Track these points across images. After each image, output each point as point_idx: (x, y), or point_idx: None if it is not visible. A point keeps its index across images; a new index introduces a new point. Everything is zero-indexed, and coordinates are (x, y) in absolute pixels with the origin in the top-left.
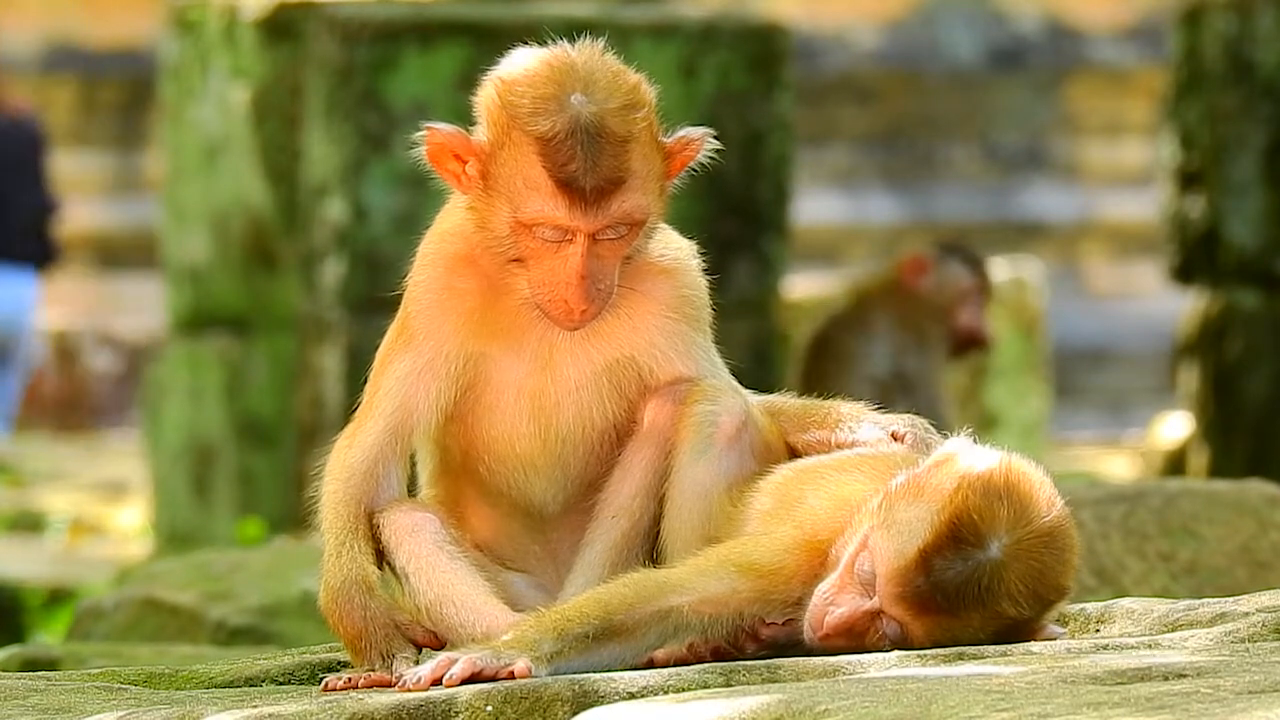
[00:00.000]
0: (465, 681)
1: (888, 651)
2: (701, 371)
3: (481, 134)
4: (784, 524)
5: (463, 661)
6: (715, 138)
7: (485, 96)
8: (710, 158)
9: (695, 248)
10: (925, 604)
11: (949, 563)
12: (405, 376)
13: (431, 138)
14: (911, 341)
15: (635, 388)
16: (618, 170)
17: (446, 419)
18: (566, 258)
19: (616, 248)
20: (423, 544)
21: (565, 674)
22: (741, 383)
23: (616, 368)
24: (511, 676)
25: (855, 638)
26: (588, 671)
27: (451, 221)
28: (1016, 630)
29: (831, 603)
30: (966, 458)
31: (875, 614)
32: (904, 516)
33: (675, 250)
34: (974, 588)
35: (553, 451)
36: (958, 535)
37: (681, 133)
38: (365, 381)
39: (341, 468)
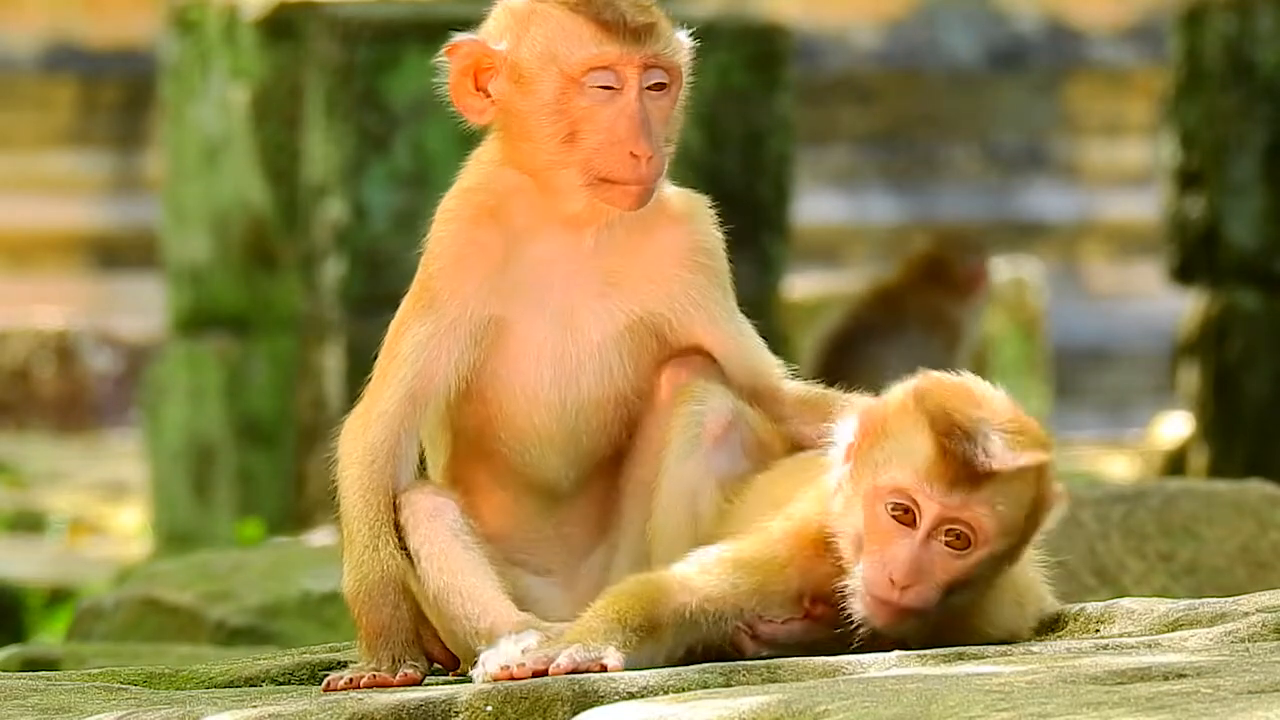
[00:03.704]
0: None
1: (967, 587)
2: (721, 331)
3: (500, 44)
4: (774, 517)
5: (563, 657)
6: (715, 134)
7: (497, 13)
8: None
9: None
10: (972, 474)
11: (964, 433)
12: (426, 340)
13: (454, 52)
14: (941, 347)
15: (656, 347)
16: (654, 14)
17: (461, 396)
18: (623, 106)
19: (662, 106)
20: (439, 530)
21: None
22: None
23: (638, 326)
24: (604, 669)
25: (929, 578)
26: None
27: (473, 178)
28: (1046, 486)
29: (884, 561)
30: (892, 392)
31: (932, 533)
32: (893, 448)
33: (688, 198)
34: (998, 438)
35: (568, 424)
36: (947, 414)
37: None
38: (373, 370)
39: (363, 448)
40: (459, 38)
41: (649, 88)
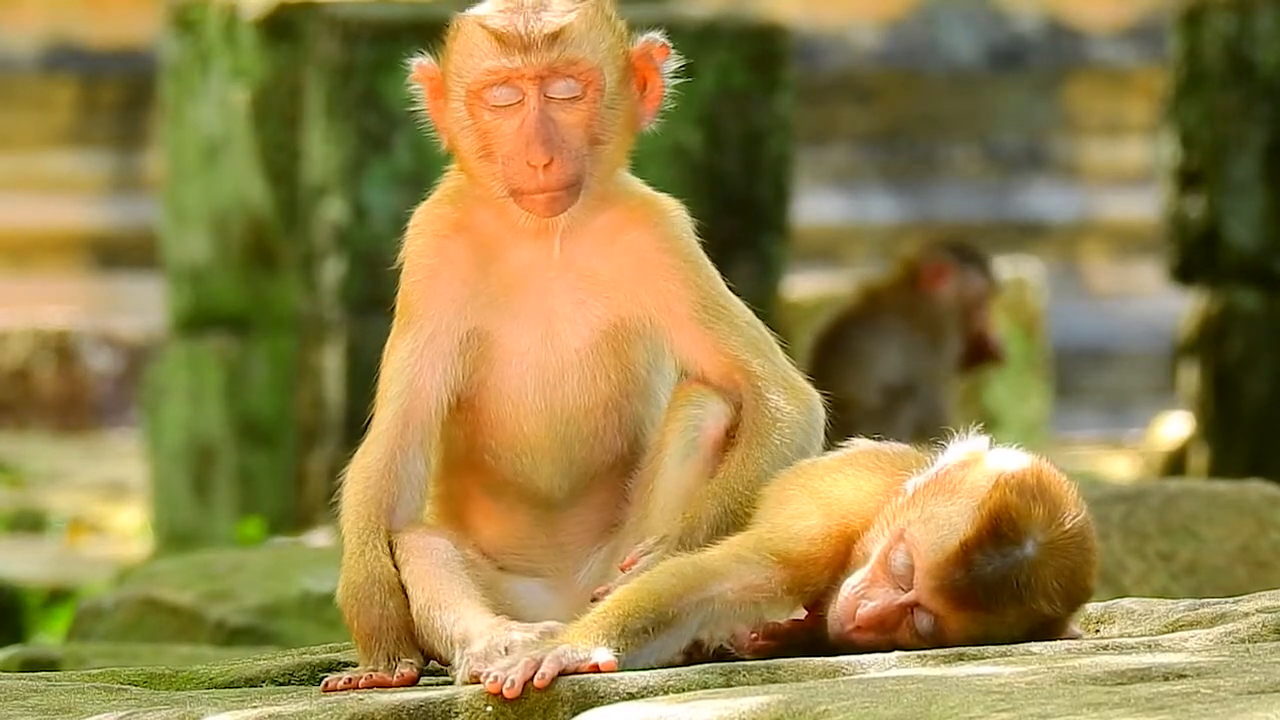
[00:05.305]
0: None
1: (915, 649)
2: (698, 332)
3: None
4: (814, 512)
5: (549, 660)
6: (715, 134)
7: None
8: (677, 82)
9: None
10: (963, 598)
11: (988, 558)
12: (408, 357)
13: (420, 76)
14: (925, 344)
15: (638, 348)
16: (559, 21)
17: (453, 407)
18: (522, 117)
19: (574, 112)
20: (427, 559)
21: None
22: None
23: (616, 332)
24: (596, 670)
25: (886, 631)
26: (638, 666)
27: (441, 191)
28: (1047, 629)
29: (864, 596)
30: (998, 458)
31: (909, 607)
32: (941, 512)
33: (653, 199)
34: (1012, 584)
35: (558, 431)
36: (998, 531)
37: (642, 39)
38: (370, 386)
39: (359, 470)
40: (416, 61)
41: (563, 98)
